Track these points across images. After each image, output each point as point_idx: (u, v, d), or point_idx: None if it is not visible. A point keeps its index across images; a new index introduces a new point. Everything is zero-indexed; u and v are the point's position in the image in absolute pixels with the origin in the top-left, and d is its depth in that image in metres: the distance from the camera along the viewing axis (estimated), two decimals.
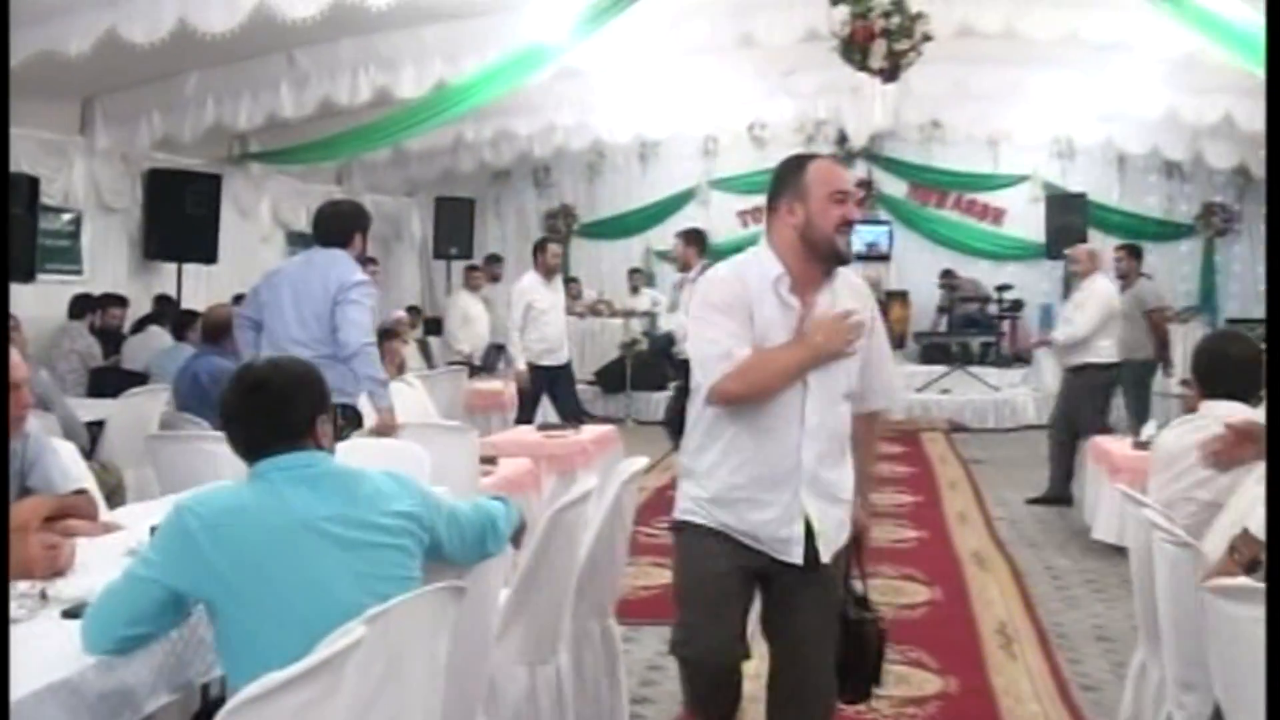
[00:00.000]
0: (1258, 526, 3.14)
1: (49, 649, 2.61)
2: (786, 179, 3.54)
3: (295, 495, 2.67)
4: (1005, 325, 16.12)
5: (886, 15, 7.82)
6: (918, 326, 16.91)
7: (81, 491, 3.83)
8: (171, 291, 11.47)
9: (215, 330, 7.05)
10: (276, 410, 2.77)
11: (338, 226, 6.21)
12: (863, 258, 15.53)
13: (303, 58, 10.09)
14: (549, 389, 10.14)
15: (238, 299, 11.46)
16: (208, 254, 11.68)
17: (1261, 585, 2.79)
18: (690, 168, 18.08)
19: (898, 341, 15.08)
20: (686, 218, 17.59)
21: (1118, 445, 7.82)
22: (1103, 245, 12.55)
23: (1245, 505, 3.39)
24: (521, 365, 10.06)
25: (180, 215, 11.37)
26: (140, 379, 8.54)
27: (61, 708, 2.43)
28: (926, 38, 8.16)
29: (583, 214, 18.55)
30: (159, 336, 9.58)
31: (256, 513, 2.61)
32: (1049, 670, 5.45)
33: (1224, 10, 8.09)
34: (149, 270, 11.76)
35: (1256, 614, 2.70)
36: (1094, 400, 9.28)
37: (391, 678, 2.49)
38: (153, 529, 3.32)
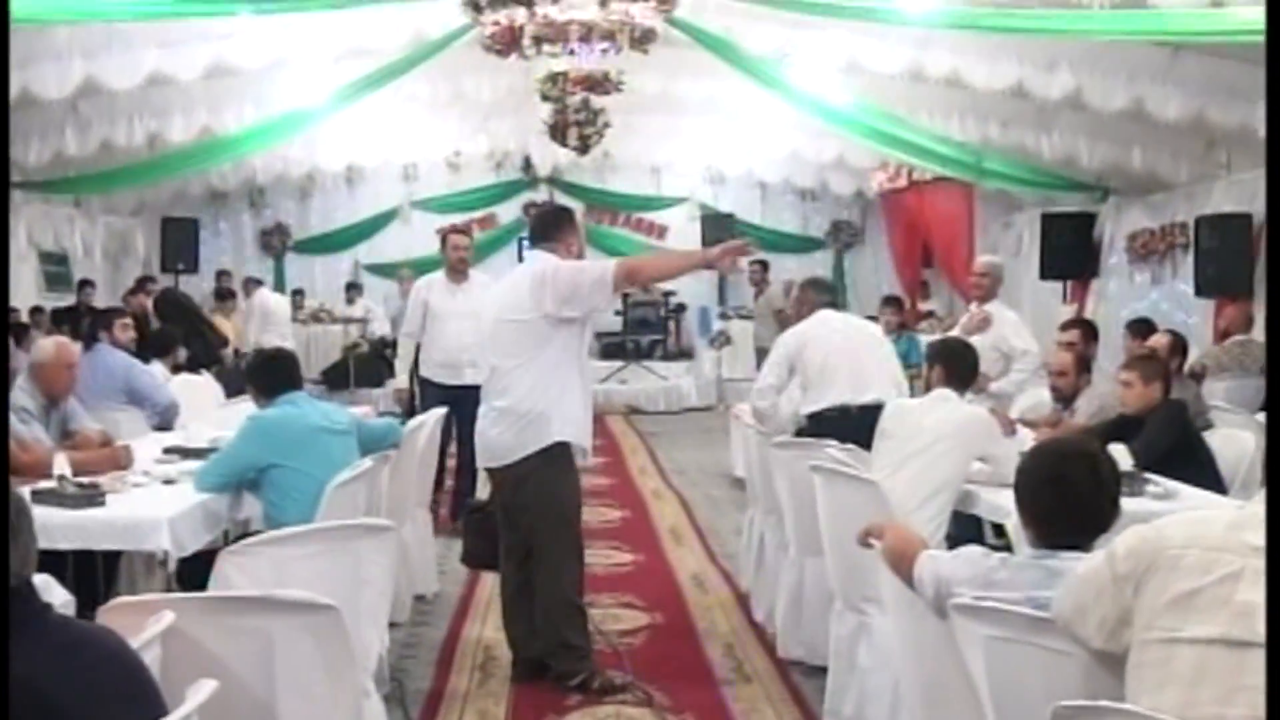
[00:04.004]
0: None
1: (171, 495, 4.85)
2: (564, 226, 5.41)
3: (307, 410, 5.05)
4: (671, 325, 19.05)
5: (578, 111, 10.52)
6: (599, 328, 19.57)
7: (102, 431, 5.98)
8: None
9: None
10: (290, 369, 5.16)
11: None
12: None
13: (85, 105, 11.86)
14: (453, 412, 7.59)
15: None
16: None
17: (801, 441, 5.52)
18: (393, 190, 20.12)
19: None
20: (390, 235, 20.00)
21: None
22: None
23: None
24: (401, 382, 8.86)
25: None
26: None
27: (198, 514, 4.70)
28: (606, 124, 10.92)
29: (296, 232, 20.39)
30: None
31: (291, 417, 4.99)
32: (704, 549, 8.22)
33: (822, 94, 11.13)
34: None
35: (795, 454, 5.42)
36: None
37: (370, 492, 4.94)
38: (165, 449, 5.61)
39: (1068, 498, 2.89)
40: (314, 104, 11.64)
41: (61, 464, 4.65)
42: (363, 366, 16.93)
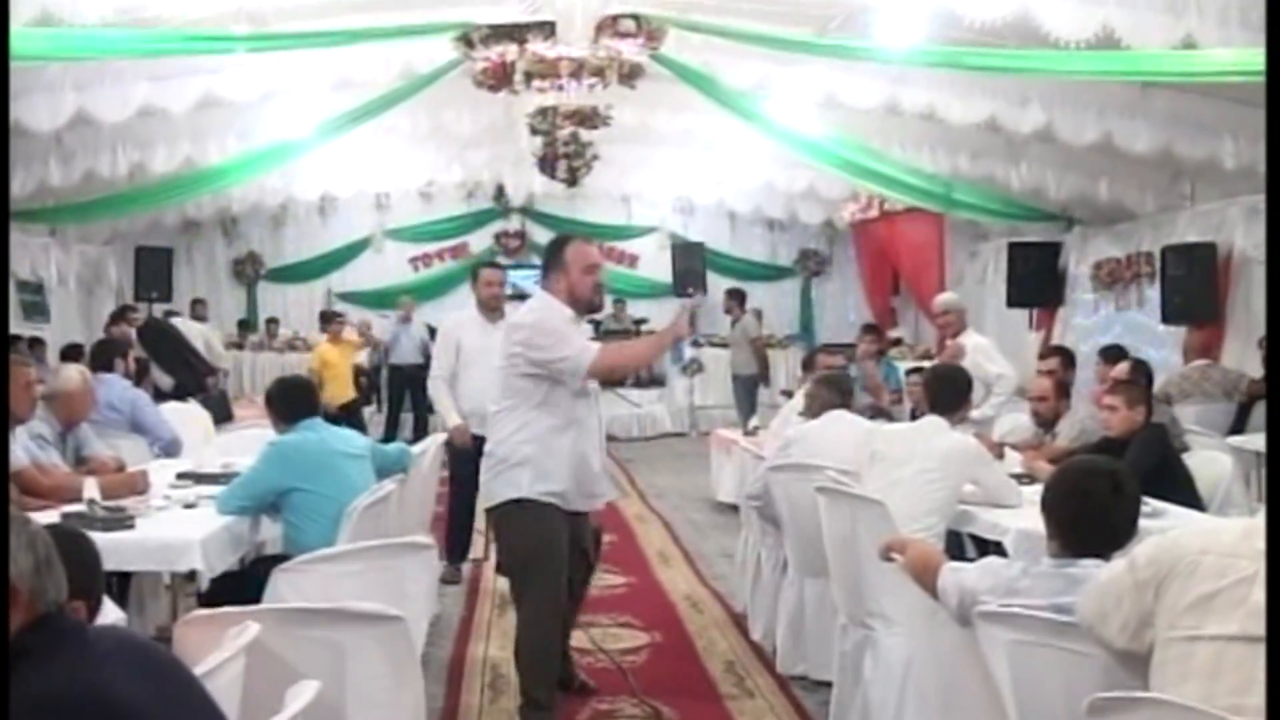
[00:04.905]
0: None
1: (193, 519, 5.00)
2: (550, 264, 5.10)
3: (325, 435, 5.23)
4: None
5: (566, 144, 10.74)
6: None
7: (116, 457, 6.12)
8: None
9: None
10: (309, 396, 5.35)
11: None
12: (521, 297, 18.27)
13: (69, 136, 11.95)
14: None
15: None
16: None
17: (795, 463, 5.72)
18: (365, 219, 20.18)
19: None
20: (363, 264, 20.12)
21: (733, 433, 10.83)
22: (715, 286, 16.04)
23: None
24: (455, 419, 7.56)
25: None
26: None
27: (223, 537, 4.86)
28: (595, 157, 11.16)
29: (269, 260, 20.44)
30: None
31: (311, 442, 5.16)
32: (693, 571, 8.42)
33: (797, 127, 11.38)
34: None
35: (791, 477, 5.63)
36: None
37: (388, 511, 5.10)
38: (178, 474, 5.75)
39: (1090, 511, 3.13)
40: (297, 136, 11.78)
41: (91, 488, 4.81)
42: None
